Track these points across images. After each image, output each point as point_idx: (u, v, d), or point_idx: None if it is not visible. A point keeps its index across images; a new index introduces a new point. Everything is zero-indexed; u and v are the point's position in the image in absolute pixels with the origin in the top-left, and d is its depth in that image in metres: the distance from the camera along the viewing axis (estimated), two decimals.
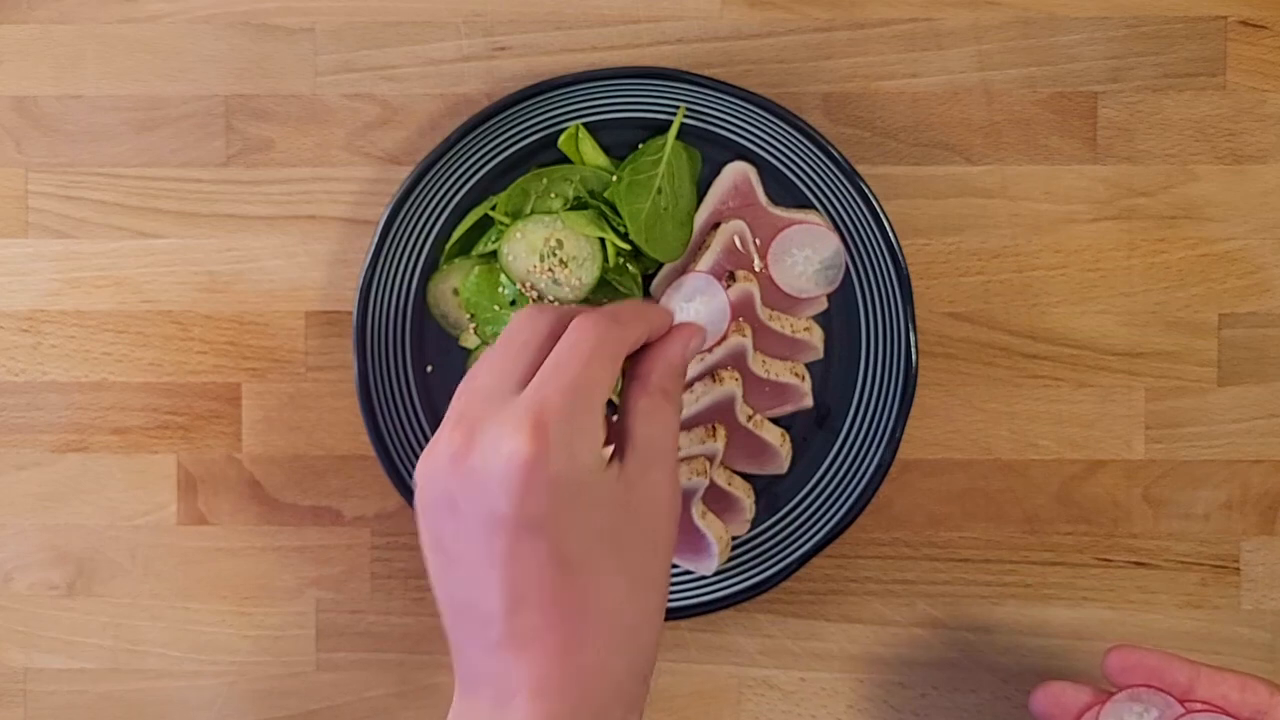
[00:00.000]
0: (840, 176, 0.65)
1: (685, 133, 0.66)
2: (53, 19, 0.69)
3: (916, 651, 0.69)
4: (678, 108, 0.66)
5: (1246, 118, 0.68)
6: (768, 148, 0.66)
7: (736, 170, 0.66)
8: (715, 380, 0.64)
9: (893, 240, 0.64)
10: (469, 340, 0.67)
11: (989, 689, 0.68)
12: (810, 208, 0.67)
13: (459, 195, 0.67)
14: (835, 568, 0.69)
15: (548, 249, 0.65)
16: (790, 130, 0.65)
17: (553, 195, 0.66)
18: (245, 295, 0.69)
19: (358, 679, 0.69)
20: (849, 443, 0.67)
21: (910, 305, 0.65)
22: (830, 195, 0.66)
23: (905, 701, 0.69)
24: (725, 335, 0.64)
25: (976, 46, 0.68)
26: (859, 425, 0.67)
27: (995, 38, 0.68)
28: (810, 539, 0.66)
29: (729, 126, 0.66)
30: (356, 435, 0.69)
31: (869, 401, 0.67)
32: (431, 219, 0.67)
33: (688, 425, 0.64)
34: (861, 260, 0.66)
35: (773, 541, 0.67)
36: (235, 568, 0.70)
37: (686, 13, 0.68)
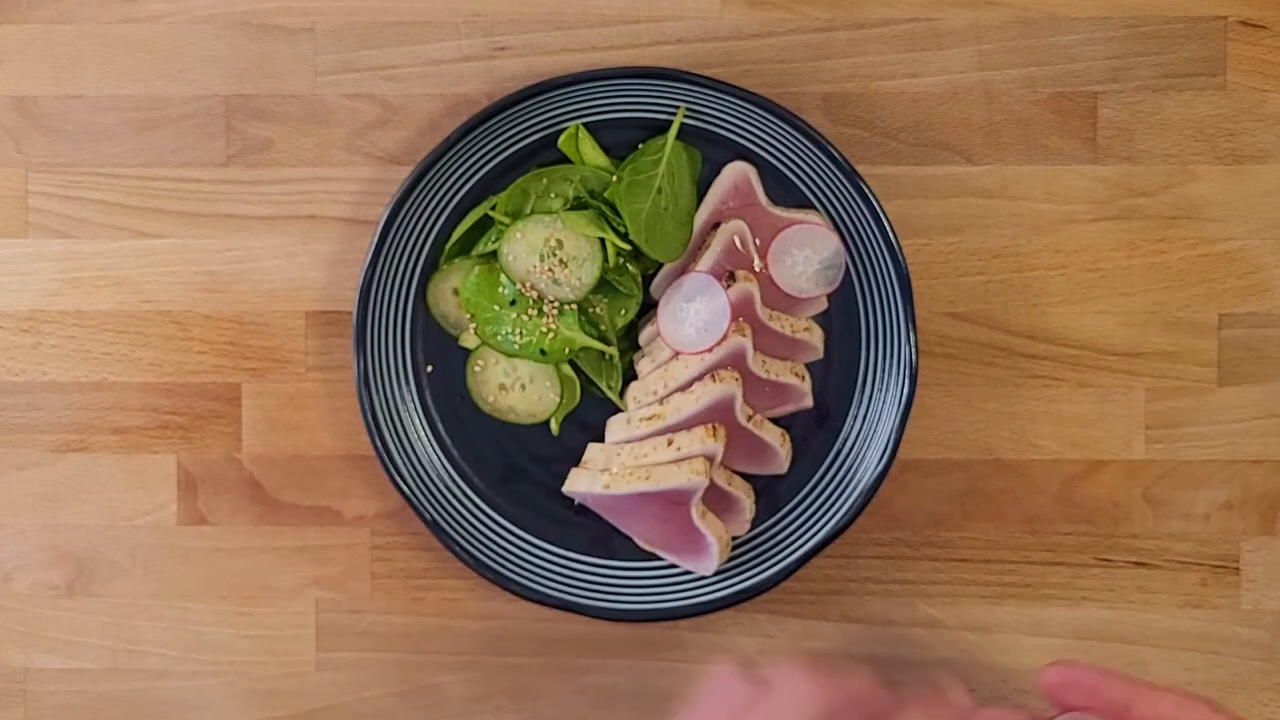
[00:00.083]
0: (840, 176, 0.65)
1: (685, 133, 0.66)
2: (53, 19, 0.69)
3: (916, 651, 0.69)
4: (678, 108, 0.66)
5: (1246, 118, 0.68)
6: (768, 148, 0.66)
7: (736, 170, 0.66)
8: (715, 380, 0.64)
9: (893, 240, 0.64)
10: (469, 340, 0.67)
11: (988, 688, 0.68)
12: (810, 208, 0.67)
13: (459, 195, 0.67)
14: (835, 568, 0.69)
15: (548, 249, 0.65)
16: (790, 130, 0.65)
17: (553, 195, 0.66)
18: (245, 295, 0.69)
19: (357, 679, 0.69)
20: (849, 443, 0.67)
21: (910, 305, 0.65)
22: (830, 195, 0.66)
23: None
24: (725, 335, 0.64)
25: (976, 46, 0.68)
26: (859, 425, 0.67)
27: (995, 38, 0.68)
28: (810, 539, 0.66)
29: (729, 126, 0.66)
30: (356, 435, 0.69)
31: (869, 401, 0.67)
32: (431, 219, 0.67)
33: (688, 425, 0.64)
34: (861, 260, 0.66)
35: (772, 541, 0.67)
36: (235, 568, 0.70)
37: (686, 13, 0.68)
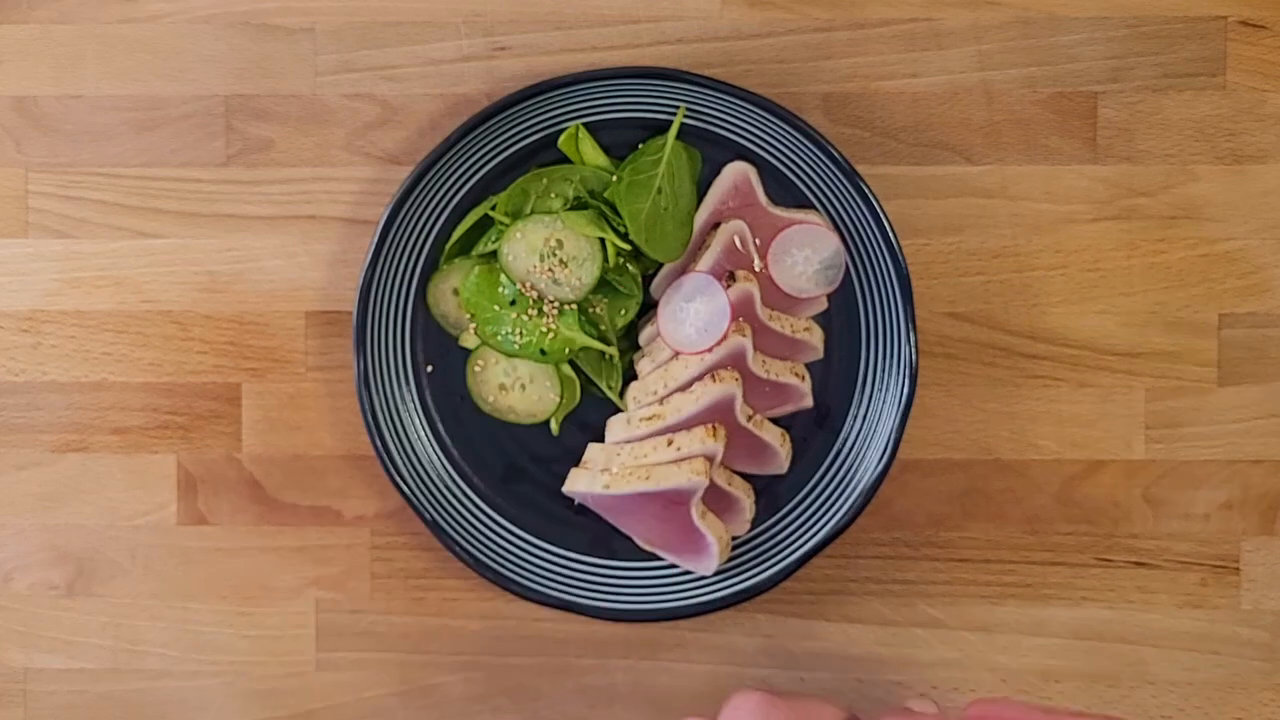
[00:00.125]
0: (840, 176, 0.65)
1: (685, 133, 0.66)
2: (53, 19, 0.69)
3: (916, 651, 0.69)
4: (678, 108, 0.66)
5: (1246, 118, 0.68)
6: (768, 148, 0.66)
7: (736, 170, 0.66)
8: (715, 380, 0.64)
9: (893, 240, 0.64)
10: (469, 340, 0.67)
11: (988, 689, 0.68)
12: (810, 208, 0.67)
13: (459, 195, 0.67)
14: (835, 568, 0.69)
15: (548, 249, 0.65)
16: (790, 130, 0.65)
17: (553, 195, 0.66)
18: (245, 295, 0.69)
19: (357, 679, 0.69)
20: (849, 443, 0.67)
21: (910, 305, 0.65)
22: (830, 195, 0.66)
23: (904, 701, 0.69)
24: (725, 335, 0.64)
25: (976, 46, 0.68)
26: (859, 425, 0.67)
27: (995, 38, 0.68)
28: (810, 539, 0.66)
29: (729, 126, 0.66)
30: (356, 435, 0.69)
31: (869, 401, 0.67)
32: (431, 219, 0.67)
33: (688, 425, 0.65)
34: (861, 260, 0.66)
35: (772, 542, 0.67)
36: (235, 568, 0.70)
37: (686, 13, 0.68)
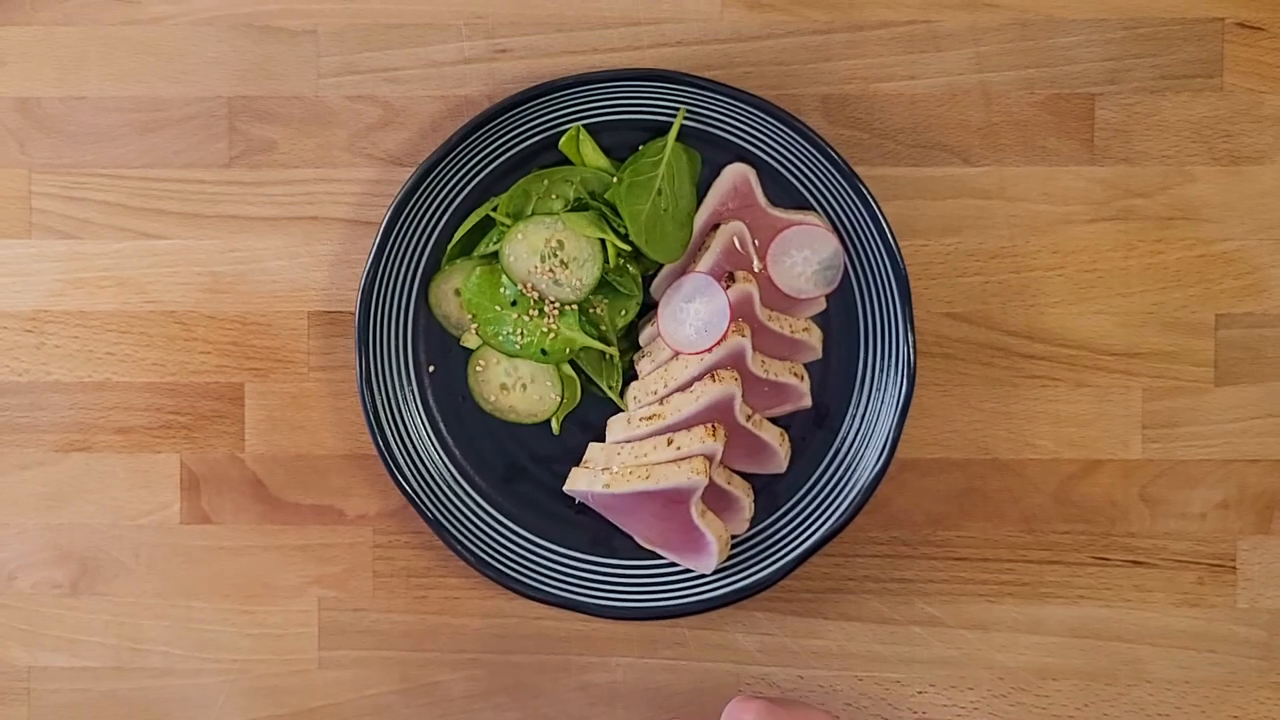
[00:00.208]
0: (839, 178, 0.65)
1: (685, 134, 0.67)
2: (56, 21, 0.70)
3: (914, 650, 0.69)
4: (678, 109, 0.66)
5: (1243, 119, 0.68)
6: (767, 149, 0.67)
7: (736, 171, 0.67)
8: (715, 380, 0.65)
9: (891, 241, 0.65)
10: (470, 340, 0.68)
11: (986, 686, 0.69)
12: (809, 209, 0.67)
13: (460, 196, 0.67)
14: (833, 566, 0.69)
15: (549, 250, 0.65)
16: (789, 132, 0.65)
17: (554, 196, 0.66)
18: (248, 296, 0.69)
19: (359, 677, 0.70)
20: (847, 442, 0.67)
21: (908, 306, 0.65)
22: (829, 196, 0.66)
23: (902, 699, 0.69)
24: (725, 335, 0.65)
25: (974, 48, 0.68)
26: (857, 425, 0.67)
27: (993, 40, 0.68)
28: (809, 538, 0.66)
29: (729, 128, 0.67)
30: (359, 435, 0.69)
31: (867, 401, 0.67)
32: (433, 220, 0.67)
33: (688, 425, 0.65)
34: (860, 261, 0.67)
35: (771, 540, 0.67)
36: (238, 566, 0.70)
37: (687, 15, 0.68)
